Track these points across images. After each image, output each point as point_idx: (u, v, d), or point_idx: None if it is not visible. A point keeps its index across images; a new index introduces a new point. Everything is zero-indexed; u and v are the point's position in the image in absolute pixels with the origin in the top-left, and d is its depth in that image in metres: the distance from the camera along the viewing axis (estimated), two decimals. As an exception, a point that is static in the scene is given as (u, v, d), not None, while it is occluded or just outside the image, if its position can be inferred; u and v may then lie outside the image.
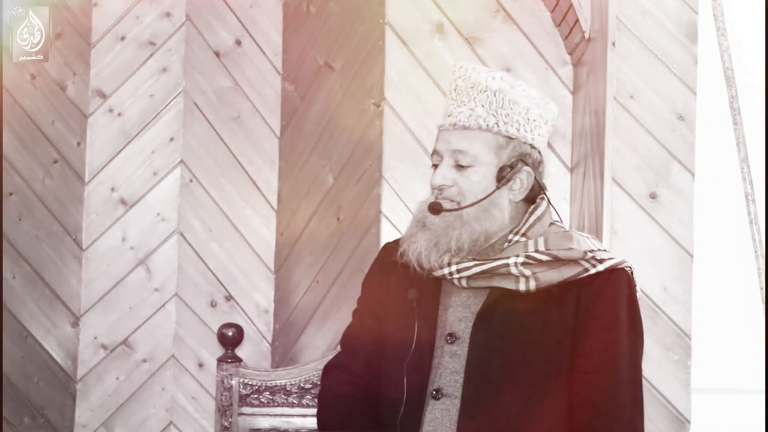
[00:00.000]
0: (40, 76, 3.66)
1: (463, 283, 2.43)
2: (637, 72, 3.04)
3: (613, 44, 3.03)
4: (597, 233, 3.05)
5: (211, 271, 3.75)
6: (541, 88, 3.50)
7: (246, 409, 2.96)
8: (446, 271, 2.43)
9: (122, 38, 3.77)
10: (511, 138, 2.44)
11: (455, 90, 2.49)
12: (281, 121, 3.77)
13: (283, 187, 3.76)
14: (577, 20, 3.23)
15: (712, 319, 3.05)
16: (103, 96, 3.77)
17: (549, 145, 3.49)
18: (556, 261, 2.40)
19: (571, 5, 3.23)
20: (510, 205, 2.46)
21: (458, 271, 2.42)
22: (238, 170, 3.76)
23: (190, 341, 3.73)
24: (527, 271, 2.40)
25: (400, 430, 2.36)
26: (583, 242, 2.45)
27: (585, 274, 2.41)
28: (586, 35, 3.23)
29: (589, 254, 2.41)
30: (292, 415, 2.95)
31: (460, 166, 2.44)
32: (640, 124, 3.04)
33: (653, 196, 3.02)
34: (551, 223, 2.51)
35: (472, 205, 2.43)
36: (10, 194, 3.59)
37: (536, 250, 2.42)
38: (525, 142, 2.45)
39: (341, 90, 3.64)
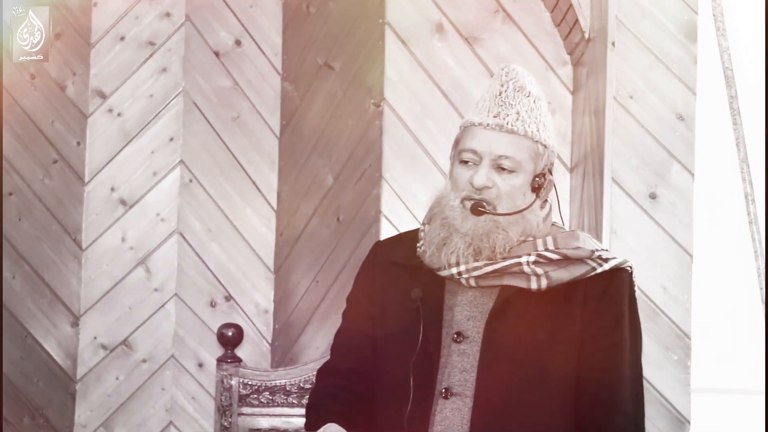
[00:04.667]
0: (40, 76, 3.66)
1: (471, 282, 2.43)
2: (637, 72, 3.04)
3: (613, 44, 3.03)
4: (597, 233, 3.05)
5: (211, 271, 3.75)
6: (540, 88, 3.52)
7: (246, 409, 2.96)
8: (454, 270, 2.42)
9: (122, 38, 3.77)
10: (546, 147, 2.46)
11: (504, 90, 2.47)
12: (281, 121, 3.77)
13: (282, 187, 3.76)
14: (577, 20, 3.23)
15: (712, 319, 3.05)
16: (103, 96, 3.77)
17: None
18: (566, 260, 2.43)
19: (570, 5, 3.23)
20: (540, 210, 2.48)
21: (467, 270, 2.41)
22: (238, 170, 3.76)
23: (190, 341, 3.73)
24: (540, 270, 2.41)
25: (407, 429, 2.36)
26: (589, 242, 2.48)
27: (592, 273, 2.43)
28: (586, 35, 3.23)
29: (596, 254, 2.44)
30: (292, 415, 2.95)
31: (501, 169, 2.43)
32: (640, 124, 3.03)
33: (653, 196, 3.02)
34: (553, 224, 2.52)
35: (518, 212, 2.43)
36: (10, 194, 3.59)
37: (546, 249, 2.43)
38: (553, 151, 2.49)
39: (341, 90, 3.64)
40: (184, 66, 3.76)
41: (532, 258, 2.41)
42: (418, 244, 2.49)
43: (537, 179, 2.47)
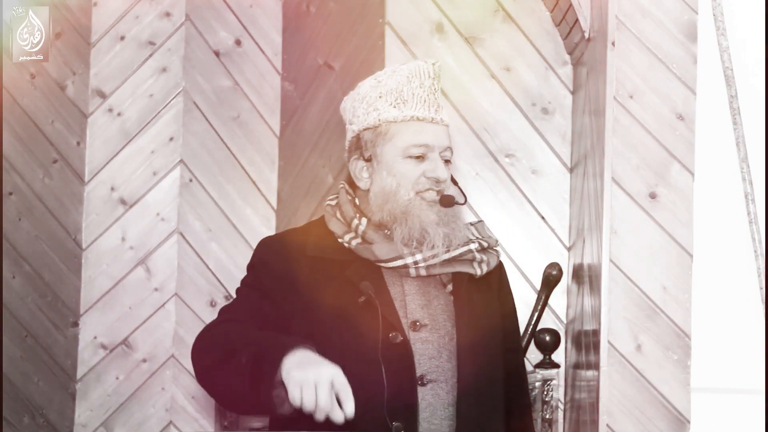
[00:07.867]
0: (40, 75, 3.66)
1: (422, 271, 2.47)
2: (637, 72, 3.04)
3: (613, 44, 3.03)
4: (597, 233, 3.04)
5: (211, 271, 3.75)
6: (541, 88, 3.52)
7: (245, 409, 2.95)
8: (410, 260, 2.46)
9: (122, 38, 3.77)
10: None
11: (438, 86, 2.55)
12: (281, 121, 3.78)
13: (283, 187, 3.76)
14: (577, 20, 3.23)
15: (712, 319, 3.04)
16: (103, 96, 3.77)
17: (548, 144, 3.50)
18: (488, 247, 2.57)
19: (570, 5, 3.23)
20: None
21: (425, 259, 2.45)
22: (238, 170, 3.76)
23: (190, 341, 3.70)
24: (485, 257, 2.53)
25: (389, 420, 2.35)
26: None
27: (497, 260, 2.61)
28: (586, 35, 3.23)
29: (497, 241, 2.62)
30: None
31: (444, 161, 2.51)
32: (640, 123, 3.03)
33: (653, 196, 3.02)
34: None
35: (465, 200, 2.56)
36: (10, 194, 3.59)
37: (476, 238, 2.56)
38: None
39: (341, 90, 3.64)
40: (184, 66, 3.76)
41: (476, 245, 2.52)
42: (344, 239, 2.50)
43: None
